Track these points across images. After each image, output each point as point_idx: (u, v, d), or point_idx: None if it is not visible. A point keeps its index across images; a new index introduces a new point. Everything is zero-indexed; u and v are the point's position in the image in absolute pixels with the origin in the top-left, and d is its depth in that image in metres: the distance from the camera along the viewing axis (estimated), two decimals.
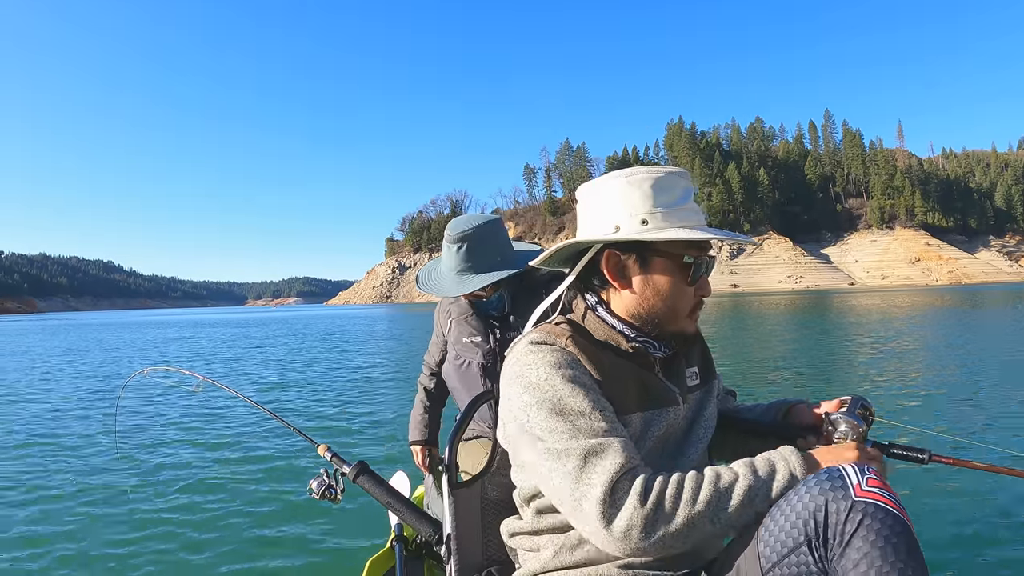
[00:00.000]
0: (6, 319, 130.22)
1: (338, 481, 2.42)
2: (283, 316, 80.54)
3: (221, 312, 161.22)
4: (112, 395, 11.37)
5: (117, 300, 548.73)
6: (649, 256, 1.41)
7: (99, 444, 7.30)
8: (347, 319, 55.43)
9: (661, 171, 1.43)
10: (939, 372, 10.58)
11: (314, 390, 11.37)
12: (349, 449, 6.57)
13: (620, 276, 1.44)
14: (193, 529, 4.38)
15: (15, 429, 8.51)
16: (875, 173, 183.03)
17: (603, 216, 1.43)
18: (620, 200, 1.41)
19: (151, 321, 73.74)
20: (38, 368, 17.66)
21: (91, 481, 5.66)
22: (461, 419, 1.88)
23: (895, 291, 77.79)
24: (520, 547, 1.53)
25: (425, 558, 2.26)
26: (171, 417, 8.74)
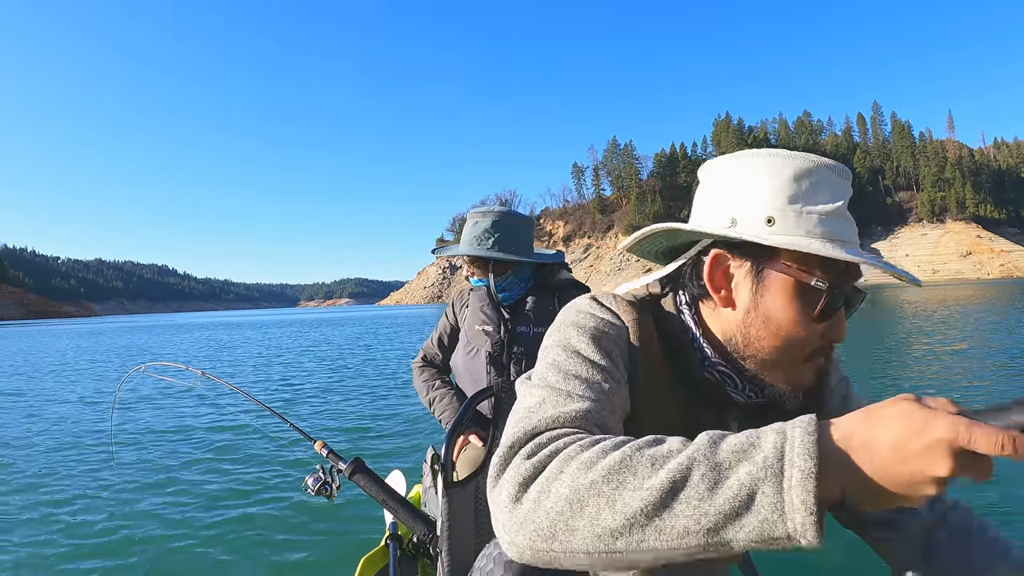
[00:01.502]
0: (67, 323, 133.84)
1: (334, 478, 2.42)
2: (338, 317, 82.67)
3: (277, 313, 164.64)
4: (111, 392, 11.55)
5: (171, 303, 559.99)
6: (767, 268, 1.02)
7: (96, 439, 7.43)
8: (401, 318, 56.88)
9: (812, 160, 1.03)
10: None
11: (313, 387, 11.55)
12: (345, 446, 6.73)
13: (722, 286, 1.07)
14: (187, 524, 4.43)
15: (18, 425, 8.87)
16: (925, 165, 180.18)
17: (720, 204, 1.07)
18: (746, 186, 1.04)
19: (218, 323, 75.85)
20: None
21: (84, 477, 5.79)
22: (459, 416, 1.80)
23: (946, 286, 77.34)
24: None
25: (419, 557, 2.21)
26: (168, 412, 8.92)
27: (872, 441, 0.66)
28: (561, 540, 0.73)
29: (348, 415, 8.59)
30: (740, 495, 0.66)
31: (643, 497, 0.70)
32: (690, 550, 0.68)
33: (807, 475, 0.64)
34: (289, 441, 6.60)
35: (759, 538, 0.66)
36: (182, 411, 8.97)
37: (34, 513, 4.88)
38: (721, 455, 0.70)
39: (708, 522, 0.67)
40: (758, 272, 1.03)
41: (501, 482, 0.81)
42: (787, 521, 0.64)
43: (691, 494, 0.68)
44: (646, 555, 0.71)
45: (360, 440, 7.03)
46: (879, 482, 0.65)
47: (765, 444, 0.68)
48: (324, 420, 8.33)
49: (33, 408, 10.36)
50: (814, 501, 0.63)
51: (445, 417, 2.84)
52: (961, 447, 0.61)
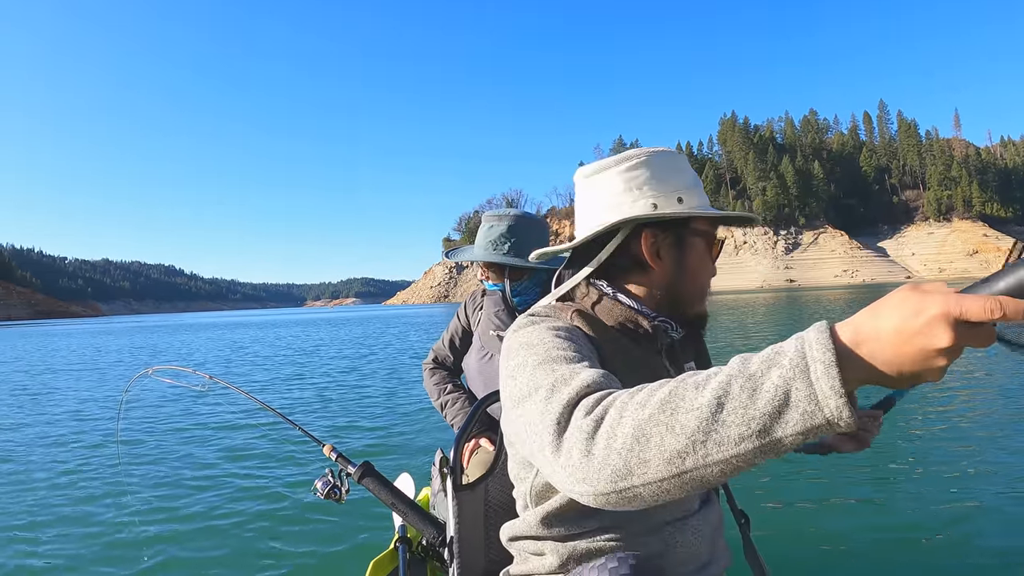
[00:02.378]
0: (75, 322, 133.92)
1: (343, 481, 2.42)
2: (344, 317, 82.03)
3: (283, 313, 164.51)
4: (118, 394, 11.48)
5: (178, 303, 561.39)
6: (686, 235, 1.36)
7: (102, 444, 7.42)
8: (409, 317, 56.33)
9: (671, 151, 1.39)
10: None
11: (321, 390, 11.46)
12: (354, 448, 6.71)
13: (655, 257, 1.35)
14: (196, 527, 4.45)
15: (21, 424, 8.99)
16: (931, 164, 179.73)
17: (631, 196, 1.35)
18: (651, 178, 1.35)
19: (225, 323, 75.87)
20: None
21: (92, 481, 5.75)
22: (468, 419, 1.83)
23: (953, 284, 77.18)
24: (523, 550, 1.45)
25: (429, 560, 2.22)
26: (175, 416, 8.89)
27: (878, 329, 0.73)
28: (638, 474, 0.81)
29: (357, 417, 8.60)
30: (777, 395, 0.74)
31: (696, 415, 0.78)
32: (750, 455, 0.76)
33: (829, 365, 0.72)
34: (297, 445, 6.64)
35: (804, 429, 0.73)
36: (189, 414, 9.03)
37: (37, 514, 4.91)
38: (752, 367, 0.78)
39: (757, 425, 0.74)
40: (679, 238, 1.34)
41: (566, 444, 0.88)
42: (823, 408, 0.72)
43: (735, 404, 0.76)
44: (714, 469, 0.78)
45: (369, 442, 7.04)
46: (892, 362, 0.72)
47: (787, 349, 0.76)
48: (333, 423, 8.33)
49: (40, 409, 10.48)
50: (841, 385, 0.71)
51: (457, 421, 2.83)
52: (956, 318, 0.68)
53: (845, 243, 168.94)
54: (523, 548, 1.43)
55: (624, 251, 1.36)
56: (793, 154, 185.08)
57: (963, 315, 0.68)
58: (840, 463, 5.19)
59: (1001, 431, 6.13)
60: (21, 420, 9.44)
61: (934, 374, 0.72)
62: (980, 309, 0.68)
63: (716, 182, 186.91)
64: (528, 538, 1.41)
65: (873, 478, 4.94)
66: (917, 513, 4.14)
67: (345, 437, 7.29)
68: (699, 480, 0.80)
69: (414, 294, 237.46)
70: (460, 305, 3.09)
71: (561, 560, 1.33)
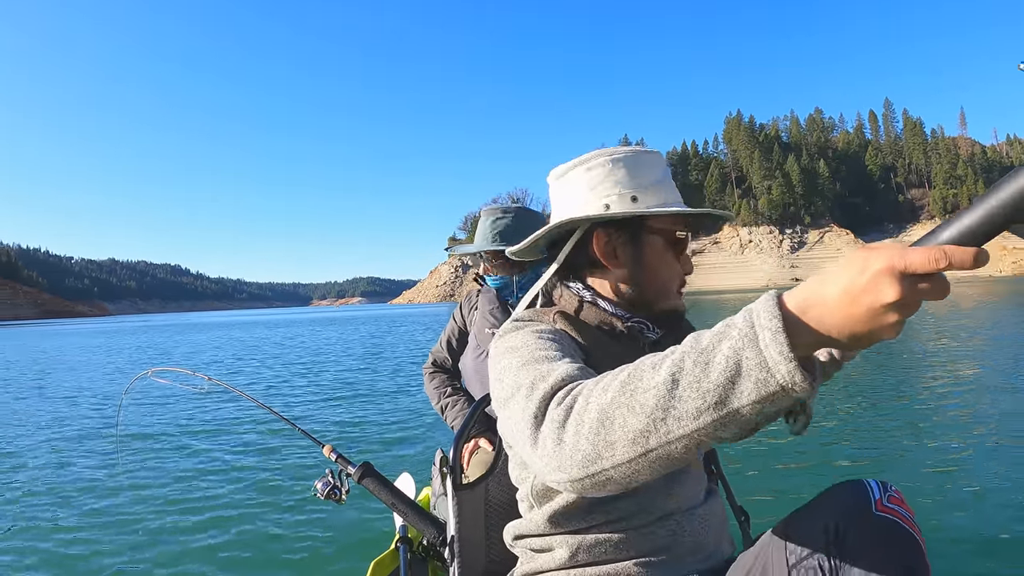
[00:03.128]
0: (83, 322, 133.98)
1: (343, 482, 2.43)
2: (350, 316, 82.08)
3: (289, 312, 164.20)
4: (118, 397, 11.31)
5: (184, 302, 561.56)
6: (642, 234, 1.36)
7: (102, 446, 7.38)
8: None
9: (640, 150, 1.42)
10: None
11: (320, 391, 11.40)
12: (354, 448, 6.72)
13: (611, 256, 1.37)
14: (196, 528, 4.42)
15: (23, 424, 8.92)
16: (937, 162, 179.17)
17: (588, 196, 1.38)
18: (607, 179, 1.37)
19: (233, 322, 75.80)
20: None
21: (92, 483, 5.71)
22: (467, 419, 1.83)
23: (958, 283, 76.70)
24: (528, 548, 1.42)
25: (430, 560, 2.22)
26: (175, 418, 8.80)
27: (824, 292, 0.73)
28: (606, 457, 0.84)
29: (357, 418, 8.57)
30: (729, 366, 0.75)
31: (655, 394, 0.80)
32: (711, 428, 0.77)
33: (776, 332, 0.73)
34: (297, 445, 6.65)
35: (760, 398, 0.74)
36: (188, 416, 8.97)
37: (39, 514, 4.92)
38: (704, 342, 0.79)
39: (712, 397, 0.76)
40: (635, 238, 1.35)
41: (541, 435, 0.92)
42: (775, 374, 0.73)
43: (690, 379, 0.78)
44: (677, 445, 0.80)
45: (369, 443, 7.01)
46: (842, 324, 0.72)
47: (736, 322, 0.78)
48: (333, 423, 8.28)
49: (41, 409, 10.47)
50: (789, 350, 0.72)
51: (457, 423, 2.82)
52: (901, 271, 0.68)
53: (850, 242, 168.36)
54: (529, 546, 1.42)
55: (582, 250, 1.39)
56: (799, 153, 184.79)
57: (908, 268, 0.68)
58: (841, 460, 5.29)
59: (1012, 423, 6.19)
60: (22, 420, 9.47)
61: (888, 331, 0.72)
62: (924, 260, 0.67)
63: (721, 181, 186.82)
64: (534, 536, 1.40)
65: (876, 471, 5.03)
66: (923, 505, 4.17)
67: (345, 438, 7.31)
68: (665, 458, 0.82)
69: (420, 293, 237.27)
70: (456, 306, 3.09)
71: (571, 552, 1.33)
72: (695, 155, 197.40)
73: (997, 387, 8.26)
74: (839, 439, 6.05)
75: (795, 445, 5.78)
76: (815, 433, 6.33)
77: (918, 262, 0.67)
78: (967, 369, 9.84)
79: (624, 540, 1.30)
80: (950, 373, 9.55)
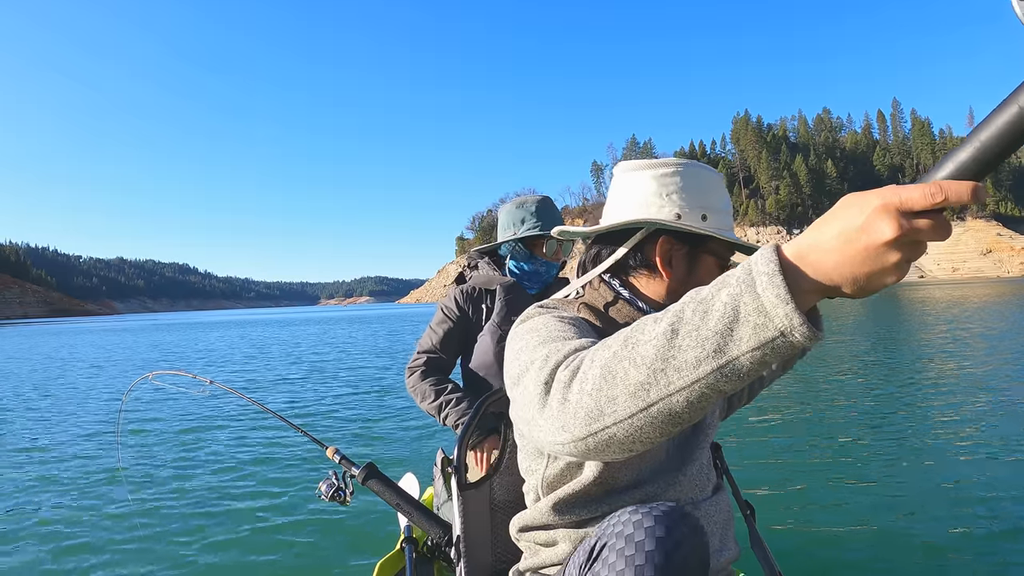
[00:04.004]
0: (92, 320, 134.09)
1: (347, 483, 2.43)
2: (358, 315, 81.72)
3: (297, 312, 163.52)
4: (119, 399, 11.10)
5: (193, 301, 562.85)
6: (700, 252, 1.38)
7: (103, 448, 7.30)
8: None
9: (711, 171, 1.43)
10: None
11: (323, 392, 11.24)
12: (357, 448, 6.68)
13: (667, 265, 1.38)
14: (200, 531, 4.42)
15: (25, 427, 8.78)
16: None
17: (659, 201, 1.38)
18: (681, 190, 1.38)
19: (241, 321, 75.88)
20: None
21: (93, 486, 5.67)
22: (472, 417, 1.83)
23: (966, 284, 75.95)
24: (533, 541, 1.43)
25: (435, 560, 2.23)
26: (177, 421, 8.74)
27: (821, 236, 0.72)
28: (608, 413, 0.83)
29: (360, 419, 8.48)
30: (727, 312, 0.75)
31: (654, 344, 0.80)
32: (711, 379, 0.77)
33: (772, 275, 0.72)
34: (301, 447, 6.61)
35: (758, 343, 0.73)
36: (189, 418, 8.89)
37: (39, 515, 4.89)
38: (704, 293, 0.79)
39: (711, 344, 0.75)
40: (693, 254, 1.38)
41: (550, 399, 0.92)
42: (772, 319, 0.72)
43: (689, 328, 0.77)
44: (679, 398, 0.79)
45: (372, 444, 6.94)
46: (841, 266, 0.71)
47: (735, 271, 0.77)
48: (335, 425, 8.20)
49: (42, 409, 10.47)
50: (786, 292, 0.71)
51: (462, 422, 2.59)
52: (897, 208, 0.67)
53: None
54: (533, 539, 1.43)
55: (639, 251, 1.40)
56: (806, 153, 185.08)
57: (903, 204, 0.67)
58: (842, 456, 5.30)
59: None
60: (24, 419, 9.44)
61: (890, 273, 0.71)
62: (921, 195, 0.67)
63: (729, 181, 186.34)
64: (539, 528, 1.41)
65: (880, 467, 4.99)
66: (926, 502, 4.17)
67: (348, 439, 7.23)
68: (667, 413, 0.81)
69: (428, 292, 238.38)
70: (447, 303, 2.87)
71: (574, 546, 1.33)
72: (703, 155, 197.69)
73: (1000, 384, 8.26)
74: (845, 431, 6.12)
75: (801, 438, 5.86)
76: (821, 425, 6.44)
77: (915, 197, 0.66)
78: (975, 365, 9.89)
79: None
80: (958, 367, 9.67)
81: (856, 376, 9.72)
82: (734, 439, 6.01)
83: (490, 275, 2.85)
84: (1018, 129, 0.67)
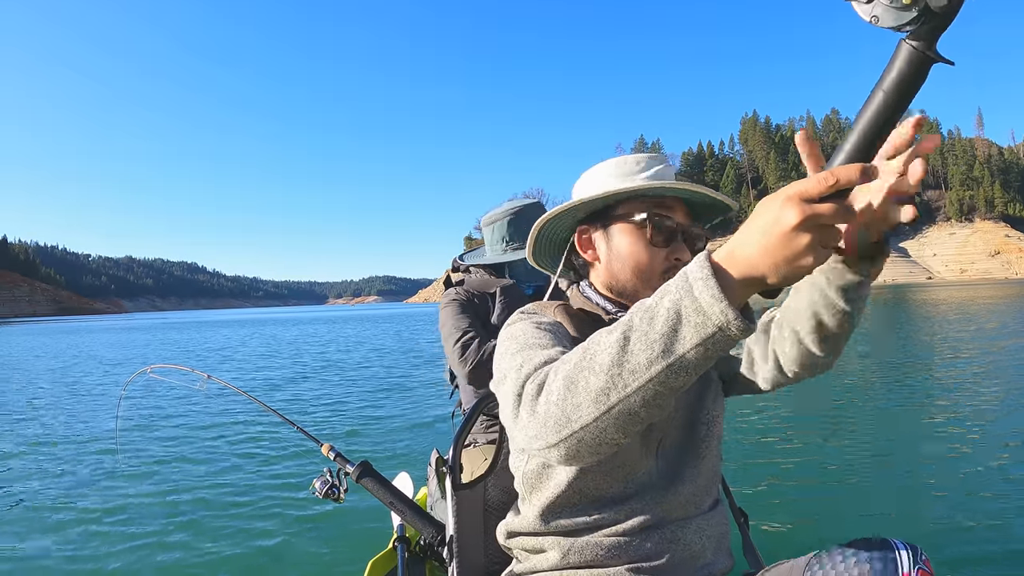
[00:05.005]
0: (101, 319, 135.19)
1: (341, 481, 2.44)
2: (366, 314, 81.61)
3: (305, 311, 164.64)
4: (117, 394, 11.28)
5: (201, 300, 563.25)
6: (611, 222, 1.41)
7: (101, 443, 7.33)
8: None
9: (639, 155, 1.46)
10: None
11: (320, 389, 11.36)
12: (352, 447, 6.67)
13: (591, 250, 1.44)
14: (192, 527, 4.42)
15: (24, 423, 8.88)
16: (953, 164, 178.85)
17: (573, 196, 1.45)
18: (590, 178, 1.46)
19: (250, 319, 75.93)
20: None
21: (91, 481, 5.70)
22: (467, 419, 1.84)
23: (974, 285, 75.30)
24: (521, 548, 1.44)
25: (427, 560, 2.23)
26: (174, 415, 8.77)
27: (744, 236, 0.82)
28: (574, 419, 0.92)
29: (356, 416, 8.57)
30: (670, 316, 0.84)
31: (609, 352, 0.89)
32: (663, 377, 0.86)
33: (706, 279, 0.81)
34: (296, 444, 6.61)
35: (700, 340, 0.82)
36: (186, 413, 8.97)
37: (36, 513, 4.92)
38: (649, 302, 0.88)
39: (659, 346, 0.84)
40: (606, 229, 1.42)
41: (521, 410, 1.01)
42: (710, 316, 0.81)
43: (638, 334, 0.86)
44: (635, 399, 0.88)
45: (368, 442, 7.00)
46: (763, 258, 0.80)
47: (674, 280, 0.86)
48: (331, 422, 8.26)
49: (42, 408, 10.35)
50: (719, 292, 0.80)
51: None
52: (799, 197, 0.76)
53: None
54: (522, 546, 1.43)
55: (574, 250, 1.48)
56: None
57: (803, 193, 0.76)
58: (842, 458, 5.29)
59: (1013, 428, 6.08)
60: (26, 420, 9.33)
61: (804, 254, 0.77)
62: (815, 182, 0.76)
63: (737, 181, 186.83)
64: (527, 534, 1.41)
65: (874, 474, 4.97)
66: (924, 506, 4.20)
67: (343, 436, 7.29)
68: (627, 414, 0.89)
69: (436, 292, 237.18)
70: (460, 297, 2.86)
71: (563, 554, 1.34)
72: (711, 156, 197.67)
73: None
74: (843, 437, 6.08)
75: (796, 444, 5.90)
76: (815, 428, 6.44)
77: (810, 185, 0.75)
78: (980, 375, 9.94)
79: (616, 546, 1.31)
80: (958, 371, 9.74)
81: (855, 376, 9.78)
82: (730, 437, 6.08)
83: (485, 279, 2.90)
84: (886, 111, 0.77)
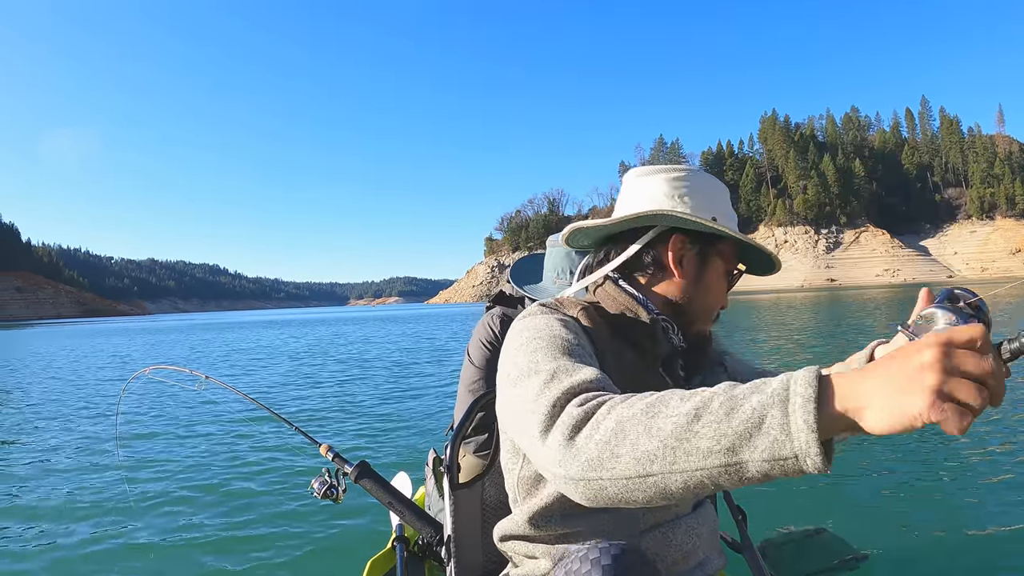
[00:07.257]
0: (126, 320, 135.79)
1: (340, 481, 2.43)
2: (386, 315, 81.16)
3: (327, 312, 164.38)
4: (115, 395, 11.42)
5: (223, 301, 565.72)
6: (711, 253, 1.40)
7: (99, 444, 7.35)
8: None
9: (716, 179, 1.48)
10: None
11: (319, 389, 11.43)
12: (350, 447, 6.70)
13: (679, 264, 1.39)
14: (193, 528, 4.42)
15: (26, 422, 9.05)
16: (974, 161, 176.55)
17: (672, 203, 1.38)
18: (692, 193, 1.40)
19: (271, 320, 75.30)
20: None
21: (90, 482, 5.70)
22: (464, 418, 1.84)
23: (995, 283, 74.81)
24: (514, 552, 1.44)
25: (426, 559, 2.22)
26: (173, 416, 8.81)
27: (872, 367, 0.74)
28: (607, 467, 0.87)
29: (355, 417, 8.65)
30: (752, 418, 0.77)
31: (674, 422, 0.83)
32: (714, 473, 0.80)
33: (808, 399, 0.74)
34: (294, 444, 6.64)
35: (770, 456, 0.76)
36: (185, 414, 9.03)
37: (34, 512, 4.95)
38: (738, 390, 0.81)
39: (727, 442, 0.78)
40: (703, 255, 1.39)
41: (555, 427, 0.95)
42: (793, 440, 0.74)
43: (711, 418, 0.80)
44: (677, 478, 0.83)
45: (366, 442, 7.05)
46: (876, 388, 0.72)
47: (774, 381, 0.79)
48: (330, 422, 8.37)
49: (43, 407, 10.50)
50: (814, 420, 0.73)
51: None
52: (947, 343, 0.70)
53: (887, 242, 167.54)
54: (515, 550, 1.43)
55: (649, 250, 1.40)
56: (834, 152, 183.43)
57: (952, 340, 0.70)
58: (841, 460, 5.17)
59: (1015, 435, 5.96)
60: (28, 420, 9.46)
61: (921, 394, 0.68)
62: (966, 330, 0.71)
63: (757, 181, 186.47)
64: (519, 538, 1.41)
65: (875, 470, 5.03)
66: (922, 506, 4.24)
67: (342, 437, 7.34)
68: (661, 488, 0.84)
69: (456, 293, 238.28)
70: (494, 328, 2.82)
71: (554, 562, 1.33)
72: (730, 155, 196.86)
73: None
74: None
75: None
76: None
77: (962, 340, 0.70)
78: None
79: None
80: None
81: None
82: None
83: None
84: None
